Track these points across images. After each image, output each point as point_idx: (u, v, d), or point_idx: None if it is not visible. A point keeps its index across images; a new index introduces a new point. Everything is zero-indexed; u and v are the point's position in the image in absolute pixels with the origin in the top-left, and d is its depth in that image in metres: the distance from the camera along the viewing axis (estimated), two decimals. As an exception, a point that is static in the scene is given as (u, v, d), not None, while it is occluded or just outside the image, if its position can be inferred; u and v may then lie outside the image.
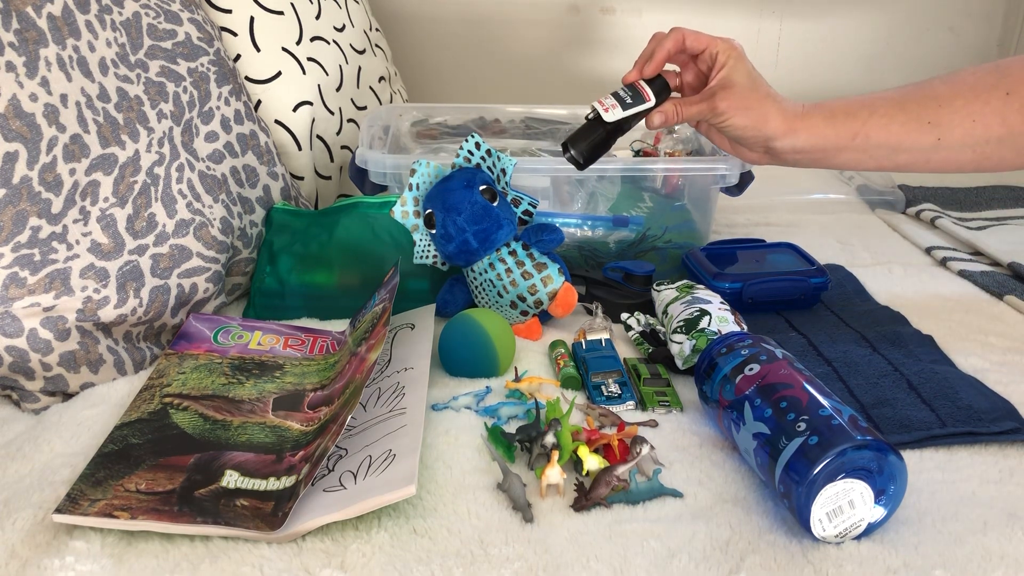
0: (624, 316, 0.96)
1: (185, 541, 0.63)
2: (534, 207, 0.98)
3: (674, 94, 0.88)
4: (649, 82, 0.86)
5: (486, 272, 0.94)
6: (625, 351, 0.93)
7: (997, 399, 0.80)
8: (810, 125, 0.83)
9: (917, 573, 0.60)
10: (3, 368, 0.78)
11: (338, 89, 1.23)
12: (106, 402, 0.80)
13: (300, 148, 1.15)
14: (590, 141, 0.85)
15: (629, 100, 0.85)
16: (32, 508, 0.65)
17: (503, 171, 0.96)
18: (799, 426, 0.63)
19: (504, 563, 0.61)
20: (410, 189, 0.95)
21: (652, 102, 0.86)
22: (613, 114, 0.85)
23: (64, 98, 0.81)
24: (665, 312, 0.92)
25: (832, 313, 0.99)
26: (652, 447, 0.70)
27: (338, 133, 1.23)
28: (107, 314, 0.82)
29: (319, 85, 1.18)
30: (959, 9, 1.84)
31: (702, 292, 0.92)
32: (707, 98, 0.84)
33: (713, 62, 0.85)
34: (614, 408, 0.81)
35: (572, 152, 0.86)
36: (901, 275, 1.12)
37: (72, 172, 0.81)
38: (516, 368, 0.88)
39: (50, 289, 0.78)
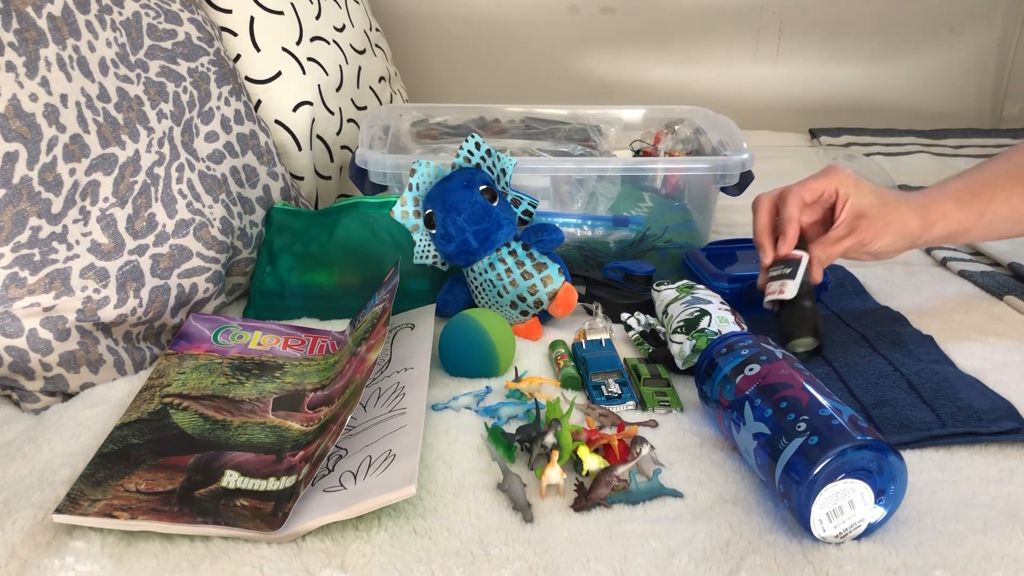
0: (624, 316, 0.96)
1: (185, 541, 0.63)
2: (534, 207, 0.98)
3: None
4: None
5: (486, 272, 0.94)
6: (625, 351, 0.93)
7: (997, 399, 0.80)
8: (943, 214, 0.88)
9: (917, 573, 0.60)
10: (3, 368, 0.78)
11: (338, 89, 1.23)
12: (106, 402, 0.80)
13: (300, 148, 1.15)
14: (802, 322, 0.87)
15: (788, 270, 0.88)
16: (32, 508, 0.65)
17: (503, 171, 0.96)
18: (799, 426, 0.63)
19: (504, 563, 0.61)
20: (410, 189, 0.95)
21: (806, 255, 0.88)
22: (791, 290, 0.87)
23: (64, 98, 0.81)
24: (665, 312, 0.92)
25: (832, 313, 0.99)
26: (652, 447, 0.70)
27: (338, 133, 1.23)
28: (107, 314, 0.82)
29: (319, 85, 1.18)
30: (959, 9, 1.84)
31: (702, 292, 0.92)
32: (848, 233, 0.87)
33: (833, 199, 0.88)
34: (614, 408, 0.81)
35: (800, 343, 0.86)
36: (901, 275, 1.12)
37: (72, 172, 0.81)
38: (516, 368, 0.88)
39: (50, 289, 0.78)
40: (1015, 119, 1.94)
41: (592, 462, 0.69)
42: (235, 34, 1.11)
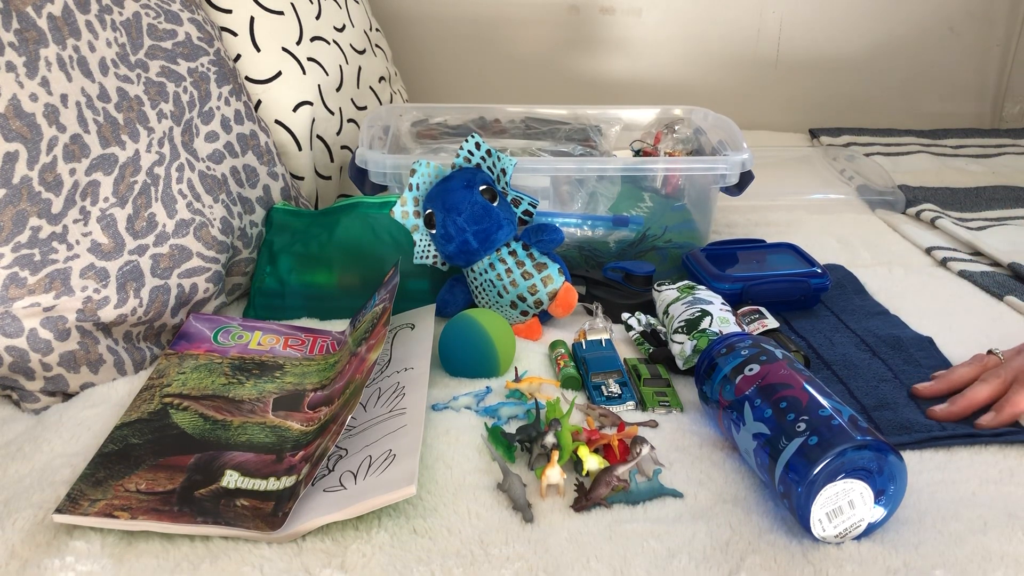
0: (625, 316, 0.96)
1: (185, 541, 0.63)
2: (534, 207, 0.98)
3: None
4: None
5: (486, 272, 0.94)
6: (625, 351, 0.93)
7: (997, 399, 0.80)
8: None
9: (917, 573, 0.60)
10: (3, 368, 0.78)
11: (338, 89, 1.23)
12: (106, 402, 0.80)
13: (300, 148, 1.15)
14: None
15: (756, 314, 0.93)
16: (32, 508, 0.66)
17: (503, 171, 0.96)
18: (799, 426, 0.63)
19: (504, 563, 0.61)
20: (410, 189, 0.95)
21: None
22: (772, 321, 0.93)
23: (64, 98, 0.81)
24: (666, 312, 0.92)
25: (832, 314, 0.99)
26: (652, 447, 0.70)
27: (338, 133, 1.23)
28: (107, 314, 0.82)
29: (319, 85, 1.18)
30: (959, 9, 1.84)
31: (704, 293, 0.92)
32: None
33: None
34: (614, 408, 0.81)
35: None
36: (901, 275, 1.12)
37: (72, 172, 0.81)
38: (516, 368, 0.88)
39: (50, 289, 0.78)
40: (1015, 119, 1.94)
41: (592, 462, 0.69)
42: (235, 34, 1.11)
